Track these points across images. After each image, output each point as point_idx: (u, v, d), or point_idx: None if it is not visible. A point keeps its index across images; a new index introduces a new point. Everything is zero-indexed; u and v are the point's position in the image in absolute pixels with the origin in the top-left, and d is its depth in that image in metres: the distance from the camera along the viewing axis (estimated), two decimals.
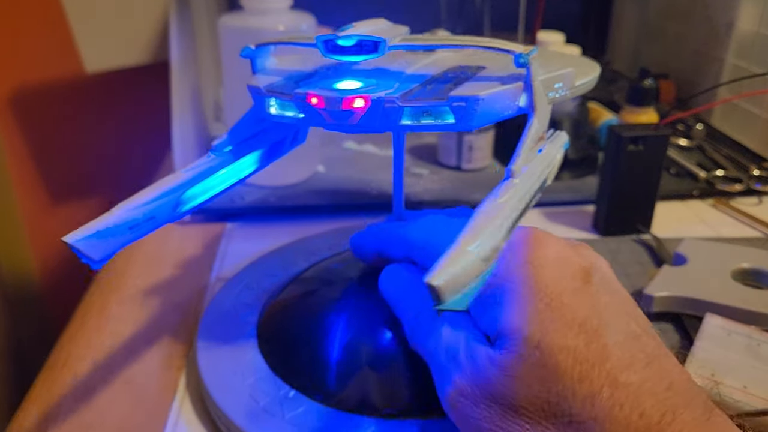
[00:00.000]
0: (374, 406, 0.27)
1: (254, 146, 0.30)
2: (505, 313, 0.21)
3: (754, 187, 0.51)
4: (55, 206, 0.90)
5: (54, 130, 0.86)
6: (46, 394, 0.31)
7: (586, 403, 0.19)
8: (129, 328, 0.36)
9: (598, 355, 0.20)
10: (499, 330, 0.21)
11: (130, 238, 0.26)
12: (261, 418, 0.27)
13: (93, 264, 0.25)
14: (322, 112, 0.25)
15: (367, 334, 0.28)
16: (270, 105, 0.27)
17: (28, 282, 0.90)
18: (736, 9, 0.60)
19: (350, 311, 0.29)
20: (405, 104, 0.24)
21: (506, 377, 0.20)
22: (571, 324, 0.20)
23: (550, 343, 0.20)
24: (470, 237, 0.20)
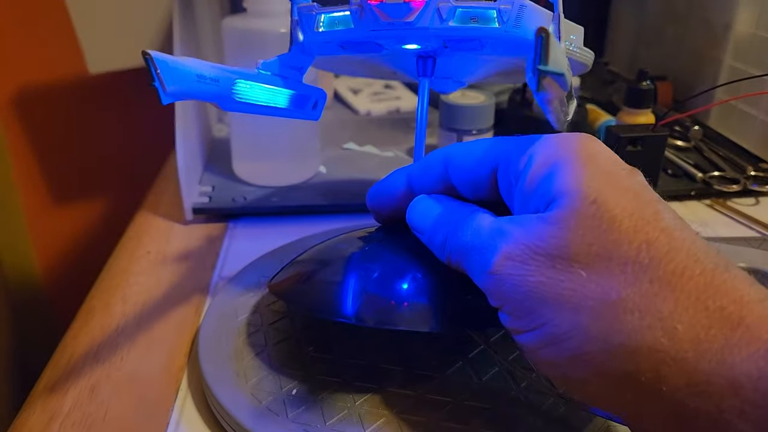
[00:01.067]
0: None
1: (286, 84, 0.31)
2: (558, 180, 0.21)
3: (751, 187, 0.51)
4: (58, 206, 0.90)
5: (57, 130, 0.86)
6: (49, 392, 0.32)
7: (642, 248, 0.20)
8: (132, 327, 0.36)
9: (653, 217, 0.20)
10: (552, 197, 0.21)
11: (195, 89, 0.25)
12: (264, 417, 0.27)
13: (164, 94, 0.24)
14: (378, 11, 0.27)
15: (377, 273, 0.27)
16: (319, 23, 0.29)
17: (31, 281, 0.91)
18: (733, 11, 0.60)
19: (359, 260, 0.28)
20: (457, 4, 0.26)
21: (558, 229, 0.20)
22: (626, 190, 0.21)
23: (607, 200, 0.20)
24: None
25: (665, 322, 0.19)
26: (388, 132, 0.64)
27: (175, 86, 0.24)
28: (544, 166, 0.22)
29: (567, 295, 0.20)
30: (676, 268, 0.19)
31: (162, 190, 0.55)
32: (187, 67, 0.25)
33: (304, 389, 0.28)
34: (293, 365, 0.30)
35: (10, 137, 0.84)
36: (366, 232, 0.31)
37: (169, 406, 0.30)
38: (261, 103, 0.30)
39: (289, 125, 0.50)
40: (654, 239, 0.20)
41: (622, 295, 0.19)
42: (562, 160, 0.22)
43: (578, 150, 0.22)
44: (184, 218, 0.48)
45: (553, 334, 0.20)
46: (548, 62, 0.20)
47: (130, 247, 0.46)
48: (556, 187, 0.21)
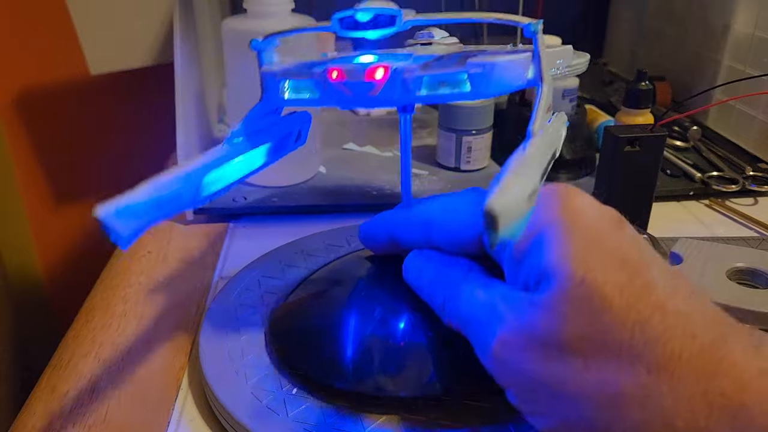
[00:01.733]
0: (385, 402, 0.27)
1: (263, 139, 0.31)
2: (545, 257, 0.21)
3: (749, 187, 0.51)
4: (60, 207, 0.90)
5: (59, 131, 0.87)
6: (50, 392, 0.32)
7: (636, 330, 0.19)
8: (132, 327, 0.36)
9: (643, 288, 0.20)
10: (540, 275, 0.21)
11: (156, 217, 0.25)
12: (265, 416, 0.27)
13: (121, 242, 0.24)
14: (342, 87, 0.25)
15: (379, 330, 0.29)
16: (284, 89, 0.27)
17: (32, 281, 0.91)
18: (732, 11, 0.60)
19: (360, 308, 0.29)
20: (424, 73, 0.25)
21: (550, 315, 0.20)
22: (613, 260, 0.20)
23: (595, 278, 0.20)
24: (514, 174, 0.20)
25: (665, 416, 0.19)
26: (388, 132, 0.64)
27: (131, 230, 0.24)
28: (529, 236, 0.22)
29: (568, 385, 0.20)
30: (673, 352, 0.19)
31: None
32: (143, 201, 0.25)
33: (304, 388, 0.28)
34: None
35: (12, 138, 0.84)
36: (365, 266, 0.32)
37: (170, 405, 0.31)
38: (235, 179, 0.30)
39: None
40: (647, 319, 0.19)
41: (620, 388, 0.19)
42: (546, 227, 0.21)
43: (561, 212, 0.22)
44: (185, 218, 0.48)
45: (563, 422, 0.20)
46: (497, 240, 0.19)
47: (130, 247, 0.45)
48: (544, 263, 0.21)
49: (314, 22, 0.49)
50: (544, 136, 0.25)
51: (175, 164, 0.48)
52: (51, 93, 0.83)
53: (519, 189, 0.20)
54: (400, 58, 0.27)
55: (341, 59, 0.27)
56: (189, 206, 0.27)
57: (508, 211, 0.19)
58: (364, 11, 0.26)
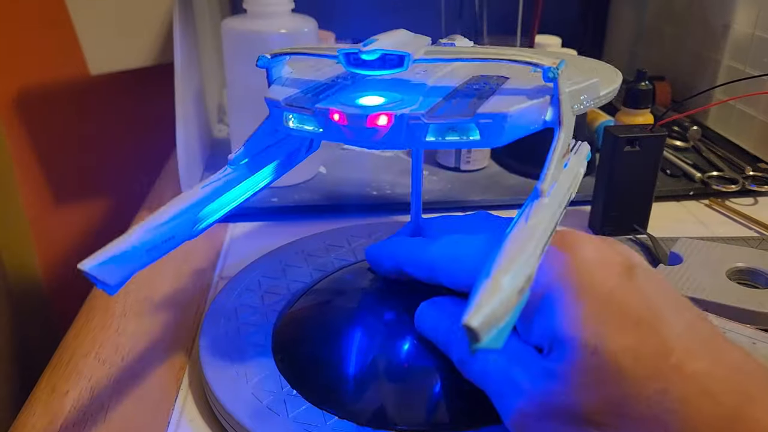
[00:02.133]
0: (389, 421, 0.27)
1: (270, 158, 0.30)
2: (556, 321, 0.20)
3: (749, 187, 0.51)
4: (60, 207, 0.90)
5: (58, 131, 0.87)
6: (50, 392, 0.32)
7: (656, 400, 0.19)
8: (132, 327, 0.36)
9: (659, 351, 0.19)
10: (552, 339, 0.21)
11: (148, 261, 0.25)
12: (265, 416, 0.27)
13: (109, 289, 0.24)
14: (344, 129, 0.24)
15: (384, 349, 0.29)
16: (288, 119, 0.27)
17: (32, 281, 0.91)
18: (732, 11, 0.60)
19: (366, 326, 0.29)
20: (430, 121, 0.23)
21: (568, 388, 0.20)
22: (625, 323, 0.20)
23: (608, 346, 0.19)
24: (503, 268, 0.19)
25: None
26: None
27: (119, 278, 0.24)
28: (537, 297, 0.21)
29: None
30: (695, 419, 0.18)
31: (162, 190, 0.55)
32: (133, 247, 0.24)
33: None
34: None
35: (12, 138, 0.84)
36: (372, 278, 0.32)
37: (170, 406, 0.31)
38: (238, 203, 0.29)
39: None
40: (665, 386, 0.19)
41: None
42: (554, 288, 0.21)
43: (569, 271, 0.21)
44: None
45: None
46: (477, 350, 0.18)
47: None
48: (555, 329, 0.20)
49: (314, 22, 0.49)
50: (557, 189, 0.23)
51: (175, 165, 0.48)
52: (51, 93, 0.83)
53: (506, 290, 0.18)
54: (409, 92, 0.26)
55: (345, 96, 0.26)
56: (184, 242, 0.26)
57: (489, 325, 0.18)
58: (369, 53, 0.24)
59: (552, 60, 0.24)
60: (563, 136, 0.24)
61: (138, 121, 0.87)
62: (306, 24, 0.48)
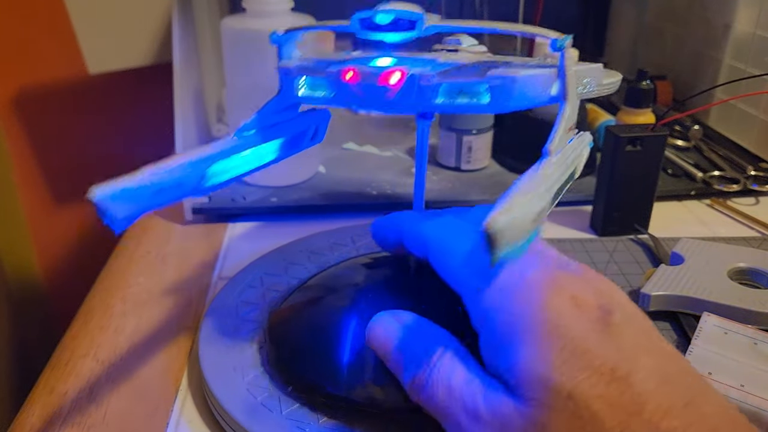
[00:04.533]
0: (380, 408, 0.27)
1: (276, 134, 0.30)
2: (527, 361, 0.20)
3: (750, 187, 0.51)
4: (58, 206, 0.90)
5: (57, 130, 0.87)
6: (49, 393, 0.32)
7: None
8: (131, 327, 0.36)
9: (634, 404, 0.19)
10: (521, 378, 0.20)
11: (155, 204, 0.25)
12: (258, 413, 0.27)
13: (115, 225, 0.23)
14: (355, 89, 0.25)
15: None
16: (300, 86, 0.27)
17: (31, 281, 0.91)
18: (733, 10, 0.60)
19: (360, 318, 0.29)
20: (442, 80, 0.24)
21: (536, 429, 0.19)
22: (601, 371, 0.19)
23: (583, 393, 0.19)
24: (521, 192, 0.19)
25: None
26: (388, 132, 0.64)
27: (126, 213, 0.23)
28: (506, 327, 0.21)
29: None
30: None
31: None
32: (142, 186, 0.24)
33: (299, 387, 0.28)
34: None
35: (11, 137, 0.84)
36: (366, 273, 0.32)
37: (169, 406, 0.30)
38: (243, 172, 0.29)
39: None
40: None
41: None
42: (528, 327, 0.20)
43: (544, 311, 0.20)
44: (184, 218, 0.48)
45: None
46: (497, 259, 0.18)
47: (129, 247, 0.46)
48: (525, 371, 0.20)
49: (314, 21, 0.49)
50: (562, 157, 0.24)
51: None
52: (49, 93, 0.83)
53: (523, 208, 0.19)
54: (419, 63, 0.26)
55: (359, 60, 0.27)
56: (191, 194, 0.26)
57: (509, 231, 0.18)
58: (384, 13, 0.25)
59: (558, 34, 0.25)
60: (569, 109, 0.25)
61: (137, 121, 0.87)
62: (305, 22, 0.48)
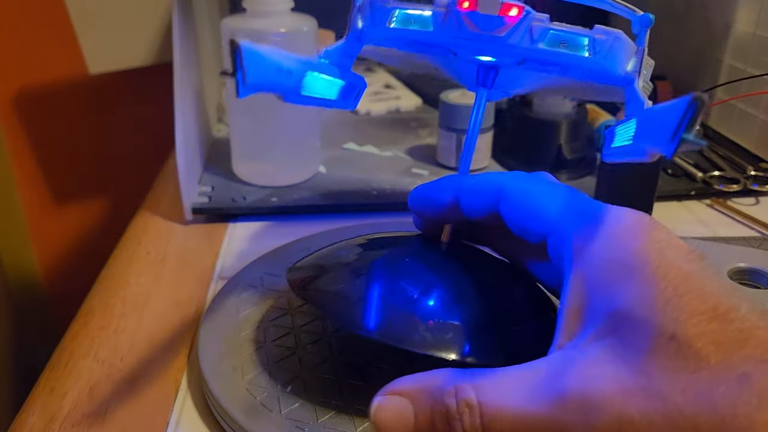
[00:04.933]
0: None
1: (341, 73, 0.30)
2: (630, 302, 0.19)
3: (751, 187, 0.51)
4: (59, 206, 0.90)
5: (57, 130, 0.87)
6: (49, 392, 0.32)
7: (734, 386, 0.18)
8: (132, 327, 0.36)
9: (736, 340, 0.18)
10: (614, 321, 0.19)
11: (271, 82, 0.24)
12: (258, 412, 0.27)
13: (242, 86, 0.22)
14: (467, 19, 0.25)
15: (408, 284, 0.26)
16: (392, 18, 0.27)
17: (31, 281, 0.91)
18: (733, 10, 0.60)
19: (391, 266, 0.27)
20: (551, 26, 0.25)
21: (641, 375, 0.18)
22: (702, 310, 0.19)
23: (686, 333, 0.18)
24: None
25: None
26: (388, 132, 0.64)
27: (255, 78, 0.22)
28: (602, 272, 0.20)
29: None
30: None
31: (162, 190, 0.55)
32: (270, 58, 0.23)
33: (299, 386, 0.28)
34: (290, 362, 0.30)
35: (11, 137, 0.84)
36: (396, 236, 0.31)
37: (169, 406, 0.30)
38: (319, 96, 0.28)
39: (290, 125, 0.50)
40: (748, 372, 0.18)
41: None
42: (622, 268, 0.20)
43: (645, 251, 0.20)
44: (184, 218, 0.48)
45: None
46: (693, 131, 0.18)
47: (129, 247, 0.46)
48: (621, 309, 0.19)
49: (314, 21, 0.49)
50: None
51: (174, 164, 0.48)
52: (49, 93, 0.83)
53: None
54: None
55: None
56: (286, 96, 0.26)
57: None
58: None
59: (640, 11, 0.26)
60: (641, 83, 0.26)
61: (137, 121, 0.87)
62: (305, 23, 0.48)
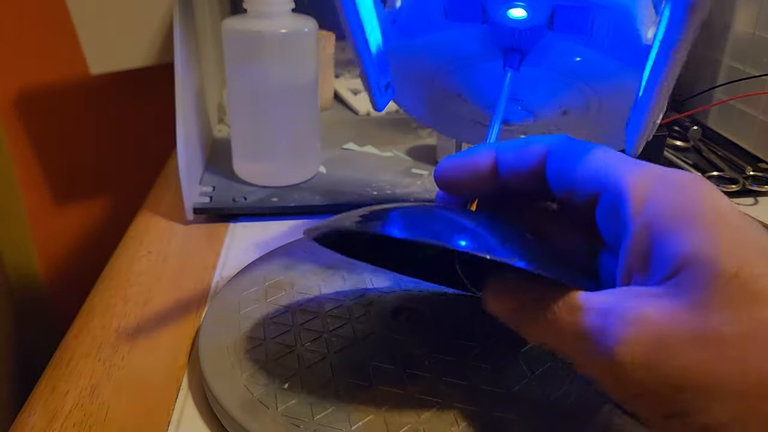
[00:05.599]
0: None
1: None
2: (690, 241, 0.19)
3: (750, 187, 0.51)
4: (60, 206, 0.90)
5: (58, 130, 0.87)
6: (50, 392, 0.32)
7: None
8: (133, 327, 0.36)
9: None
10: (681, 265, 0.19)
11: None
12: (254, 409, 0.27)
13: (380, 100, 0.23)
14: None
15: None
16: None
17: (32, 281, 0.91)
18: (732, 11, 0.60)
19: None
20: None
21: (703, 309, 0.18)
22: (761, 251, 0.19)
23: (750, 271, 0.18)
24: None
25: None
26: (388, 132, 0.64)
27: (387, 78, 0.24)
28: (668, 219, 0.20)
29: (728, 384, 0.18)
30: None
31: (162, 190, 0.55)
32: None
33: (296, 383, 0.29)
34: (289, 359, 0.30)
35: (12, 137, 0.84)
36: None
37: (170, 406, 0.31)
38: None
39: (290, 125, 0.51)
40: None
41: None
42: (688, 214, 0.20)
43: (703, 201, 0.20)
44: (185, 218, 0.48)
45: (707, 425, 0.18)
46: None
47: (130, 247, 0.46)
48: (688, 251, 0.19)
49: (314, 22, 0.49)
50: None
51: (175, 164, 0.48)
52: (51, 93, 0.84)
53: None
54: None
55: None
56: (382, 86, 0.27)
57: None
58: None
59: None
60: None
61: (138, 121, 0.87)
62: (306, 24, 0.48)
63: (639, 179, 0.22)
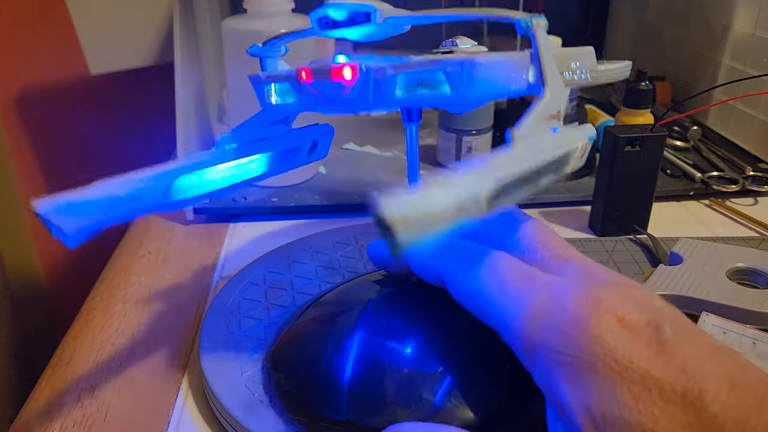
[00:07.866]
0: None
1: (261, 149, 0.30)
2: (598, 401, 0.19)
3: (749, 187, 0.51)
4: None
5: (59, 130, 0.87)
6: (50, 392, 0.32)
7: None
8: (133, 327, 0.36)
9: (714, 426, 0.18)
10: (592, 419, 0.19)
11: (110, 217, 0.23)
12: (254, 408, 0.27)
13: (66, 240, 0.22)
14: (312, 89, 0.24)
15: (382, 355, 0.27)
16: (270, 94, 0.27)
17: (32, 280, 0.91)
18: (732, 11, 0.60)
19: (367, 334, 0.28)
20: (396, 72, 0.22)
21: None
22: (673, 400, 0.18)
23: (665, 428, 0.18)
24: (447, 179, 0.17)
25: None
26: (388, 132, 0.64)
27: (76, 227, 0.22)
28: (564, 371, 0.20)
29: None
30: None
31: None
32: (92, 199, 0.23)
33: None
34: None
35: (12, 137, 0.84)
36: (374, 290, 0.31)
37: (170, 406, 0.31)
38: (223, 186, 0.28)
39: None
40: None
41: None
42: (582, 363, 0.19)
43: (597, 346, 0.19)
44: (185, 218, 0.48)
45: None
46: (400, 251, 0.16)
47: (131, 247, 0.46)
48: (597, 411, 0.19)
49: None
50: (534, 144, 0.21)
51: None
52: (51, 93, 0.84)
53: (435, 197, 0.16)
54: (382, 61, 0.25)
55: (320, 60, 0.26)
56: (156, 209, 0.25)
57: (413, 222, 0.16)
58: (334, 8, 0.24)
59: (526, 14, 0.23)
60: (548, 95, 0.22)
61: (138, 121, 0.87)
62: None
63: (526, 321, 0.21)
